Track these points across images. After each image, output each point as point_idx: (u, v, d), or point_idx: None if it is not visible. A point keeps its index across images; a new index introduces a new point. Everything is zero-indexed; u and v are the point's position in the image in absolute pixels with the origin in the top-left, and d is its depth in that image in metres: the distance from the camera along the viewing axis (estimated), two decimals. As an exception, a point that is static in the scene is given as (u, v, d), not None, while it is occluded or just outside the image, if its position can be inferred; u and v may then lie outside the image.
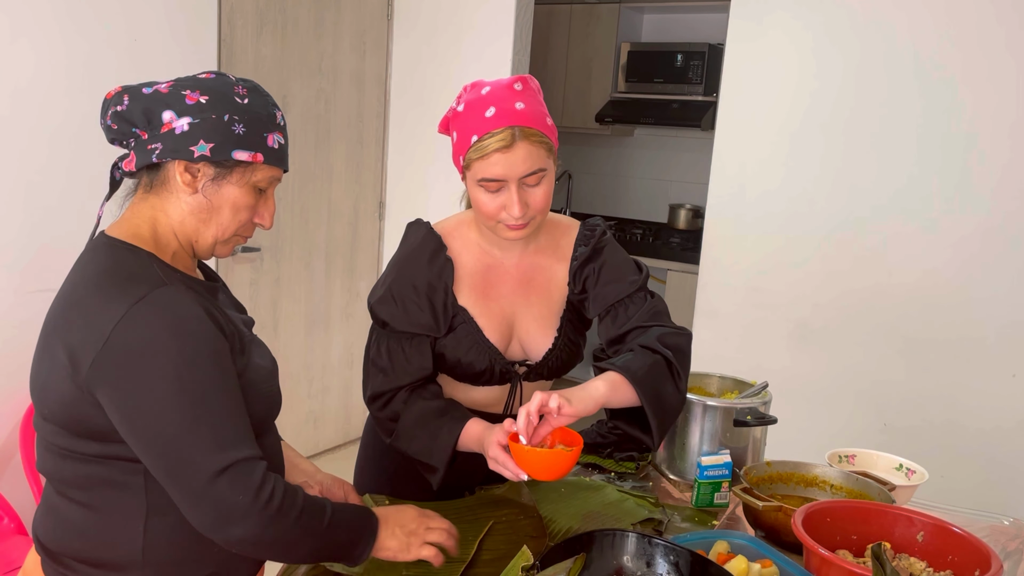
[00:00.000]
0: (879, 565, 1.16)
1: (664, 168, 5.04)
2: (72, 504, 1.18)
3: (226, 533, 1.11)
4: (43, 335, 1.19)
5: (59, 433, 1.16)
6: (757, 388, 1.85)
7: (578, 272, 1.54)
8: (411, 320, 1.48)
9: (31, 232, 2.56)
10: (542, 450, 1.31)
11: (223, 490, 1.09)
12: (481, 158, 1.37)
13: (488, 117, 1.36)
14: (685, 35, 4.80)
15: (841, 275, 3.04)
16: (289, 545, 1.16)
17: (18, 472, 2.50)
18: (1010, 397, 2.80)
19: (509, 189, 1.38)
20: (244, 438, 1.13)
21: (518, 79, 1.41)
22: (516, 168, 1.37)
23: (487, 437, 1.39)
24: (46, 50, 2.52)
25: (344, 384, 3.90)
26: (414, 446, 1.49)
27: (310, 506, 1.18)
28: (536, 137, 1.37)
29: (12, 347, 2.53)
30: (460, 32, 3.60)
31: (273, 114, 1.21)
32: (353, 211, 3.76)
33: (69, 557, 1.19)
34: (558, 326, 1.56)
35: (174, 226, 1.20)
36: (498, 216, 1.41)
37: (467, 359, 1.51)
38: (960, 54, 2.77)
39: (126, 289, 1.11)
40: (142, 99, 1.16)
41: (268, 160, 1.20)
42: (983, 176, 2.78)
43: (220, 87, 1.18)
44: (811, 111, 3.03)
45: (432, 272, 1.49)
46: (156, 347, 1.08)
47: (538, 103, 1.41)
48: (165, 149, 1.16)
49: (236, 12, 3.08)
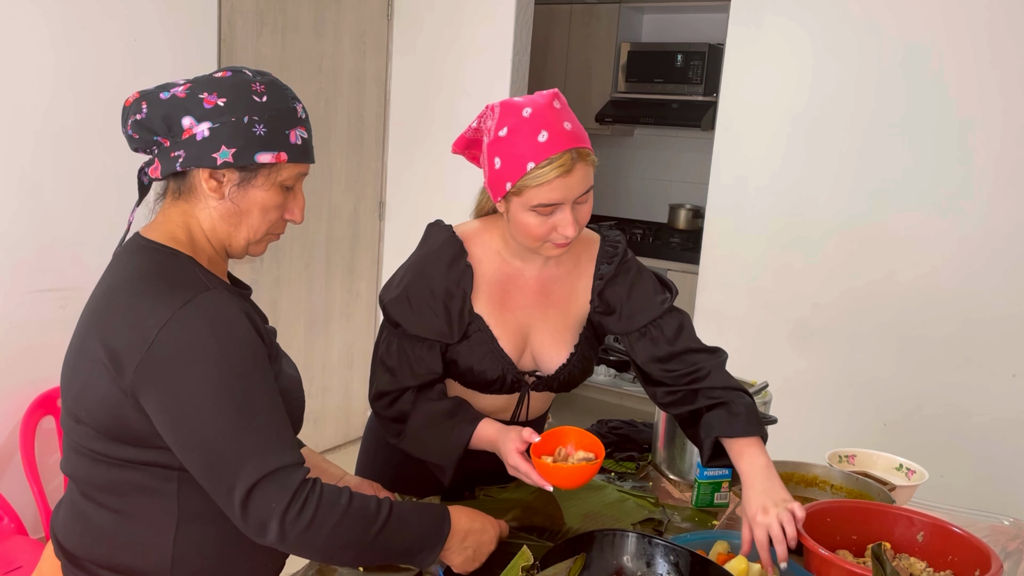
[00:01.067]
0: (879, 565, 1.16)
1: (664, 168, 5.04)
2: (101, 509, 1.17)
3: (263, 538, 1.11)
4: (78, 336, 1.17)
5: (94, 436, 1.15)
6: (757, 388, 1.85)
7: (603, 292, 1.54)
8: (424, 325, 1.47)
9: (31, 232, 2.56)
10: (567, 465, 1.32)
11: (263, 495, 1.09)
12: (540, 185, 1.33)
13: (543, 142, 1.32)
14: (685, 35, 4.80)
15: (841, 275, 3.04)
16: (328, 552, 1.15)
17: (18, 472, 2.50)
18: (1010, 397, 2.80)
19: (563, 210, 1.37)
20: (288, 444, 1.13)
21: (554, 96, 1.37)
22: (574, 191, 1.35)
23: (503, 444, 1.39)
24: (46, 50, 2.52)
25: (344, 384, 3.90)
26: (424, 449, 1.48)
27: (357, 512, 1.15)
28: (590, 157, 1.37)
29: (12, 347, 2.54)
30: (460, 32, 3.60)
31: (294, 108, 1.19)
32: (353, 211, 3.76)
33: (94, 563, 1.18)
34: (575, 342, 1.56)
35: (206, 231, 1.20)
36: (548, 236, 1.40)
37: (480, 367, 1.50)
38: (956, 54, 2.77)
39: (171, 293, 1.10)
40: (160, 105, 1.14)
41: (292, 158, 1.18)
42: (982, 175, 2.78)
43: (238, 87, 1.15)
44: (811, 111, 3.03)
45: (451, 278, 1.47)
46: (201, 352, 1.08)
47: (575, 118, 1.39)
48: (188, 157, 1.14)
49: (236, 12, 3.08)
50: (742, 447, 1.41)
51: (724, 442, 1.44)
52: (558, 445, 1.39)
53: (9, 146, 2.48)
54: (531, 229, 1.39)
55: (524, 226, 1.39)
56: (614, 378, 4.63)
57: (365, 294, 3.91)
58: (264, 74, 1.19)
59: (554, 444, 1.38)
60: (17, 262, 2.54)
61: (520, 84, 3.56)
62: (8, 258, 2.52)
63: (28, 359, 2.56)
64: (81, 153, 2.63)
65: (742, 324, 3.24)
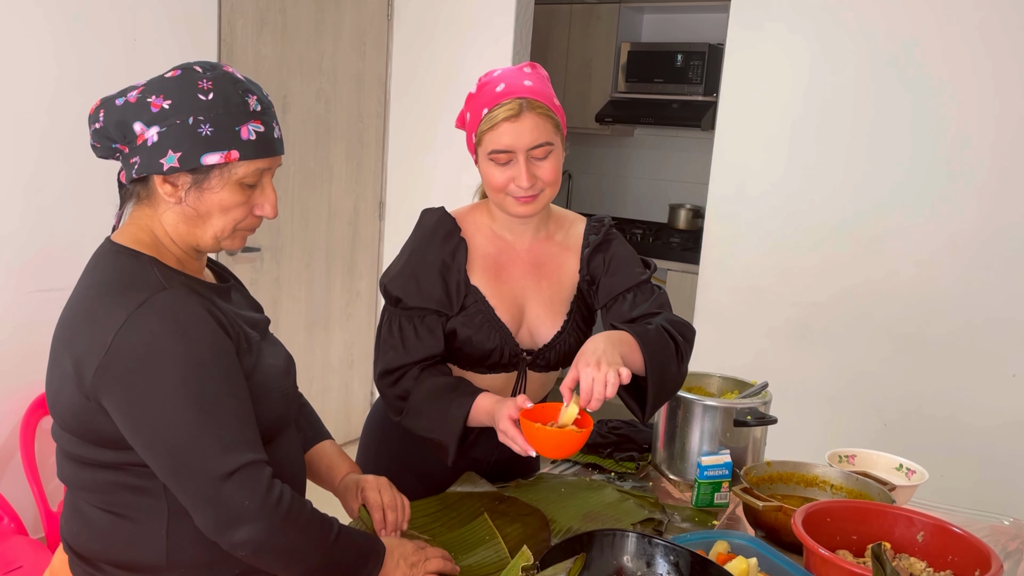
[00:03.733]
0: (879, 565, 1.16)
1: (664, 168, 5.04)
2: (96, 509, 1.18)
3: (231, 536, 1.10)
4: (53, 346, 1.18)
5: (75, 442, 1.16)
6: (757, 388, 1.85)
7: (589, 260, 1.59)
8: (424, 295, 1.51)
9: (31, 232, 2.56)
10: (552, 429, 1.32)
11: (231, 493, 1.09)
12: (490, 129, 1.43)
13: (498, 92, 1.43)
14: (685, 35, 4.80)
15: (841, 275, 3.04)
16: (294, 554, 1.15)
17: (18, 472, 2.50)
18: (1010, 397, 2.80)
19: (517, 161, 1.43)
20: (251, 441, 1.13)
21: (528, 64, 1.49)
22: (523, 138, 1.42)
23: (499, 410, 1.39)
24: (47, 51, 2.52)
25: (344, 384, 3.90)
26: (424, 423, 1.49)
27: (317, 518, 1.17)
28: (542, 109, 1.43)
29: (12, 347, 2.54)
30: (460, 32, 3.60)
31: (245, 102, 1.13)
32: (353, 211, 3.76)
33: (96, 559, 1.20)
34: (568, 311, 1.60)
35: (170, 233, 1.19)
36: (507, 188, 1.46)
37: (478, 337, 1.53)
38: (954, 54, 2.77)
39: (126, 296, 1.10)
40: (115, 112, 1.13)
41: (245, 155, 1.13)
42: (982, 175, 2.79)
43: (183, 87, 1.11)
44: (811, 111, 3.03)
45: (446, 251, 1.53)
46: (158, 352, 1.07)
47: (546, 86, 1.48)
48: (142, 164, 1.13)
49: (236, 12, 3.08)
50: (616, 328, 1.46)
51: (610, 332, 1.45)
52: (552, 419, 1.38)
53: (11, 147, 2.48)
54: (491, 179, 1.47)
55: (486, 177, 1.48)
56: (614, 378, 4.63)
57: (365, 294, 3.91)
58: (215, 68, 1.14)
59: (548, 417, 1.38)
60: (18, 262, 2.54)
61: (520, 84, 3.56)
62: (9, 258, 2.52)
63: (28, 359, 2.55)
64: (82, 154, 2.61)
65: (742, 324, 3.24)
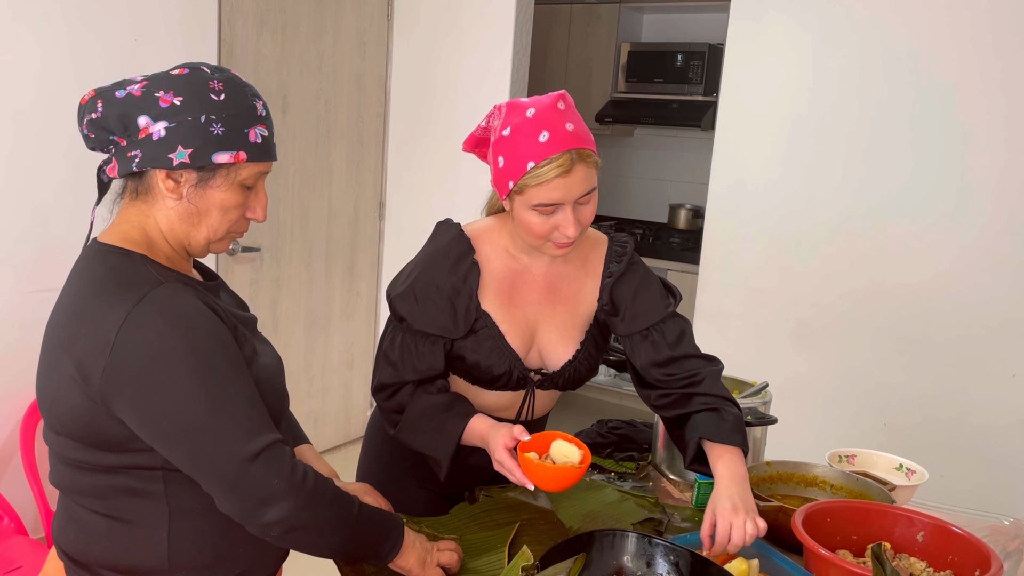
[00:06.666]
0: (879, 565, 1.16)
1: (664, 168, 5.04)
2: (94, 515, 1.17)
3: (262, 517, 1.10)
4: (45, 349, 1.17)
5: (74, 446, 1.15)
6: (757, 388, 1.85)
7: (612, 289, 1.55)
8: (429, 320, 1.48)
9: (33, 232, 2.56)
10: (551, 465, 1.32)
11: (259, 474, 1.09)
12: (540, 184, 1.36)
13: (543, 142, 1.35)
14: (685, 35, 4.80)
15: (841, 275, 3.04)
16: (321, 531, 1.15)
17: (18, 472, 2.50)
18: (1010, 397, 2.80)
19: (563, 210, 1.39)
20: (267, 423, 1.13)
21: (559, 97, 1.40)
22: (573, 191, 1.37)
23: (492, 438, 1.39)
24: (47, 51, 2.52)
25: (344, 384, 3.90)
26: (419, 440, 1.49)
27: (340, 494, 1.18)
28: (591, 159, 1.38)
29: (13, 348, 2.54)
30: (460, 32, 3.60)
31: (253, 106, 1.16)
32: (353, 211, 3.76)
33: (95, 564, 1.19)
34: (581, 339, 1.57)
35: (164, 231, 1.18)
36: (550, 236, 1.42)
37: (487, 363, 1.51)
38: (957, 54, 2.77)
39: (124, 293, 1.09)
40: (116, 104, 1.13)
41: (252, 157, 1.15)
42: (982, 176, 2.78)
43: (194, 84, 1.13)
44: (811, 111, 3.03)
45: (457, 276, 1.48)
46: (165, 347, 1.07)
47: (581, 120, 1.41)
48: (144, 157, 1.13)
49: (236, 12, 3.08)
50: (723, 452, 1.43)
51: (706, 445, 1.46)
52: (547, 448, 1.38)
53: (10, 146, 2.48)
54: (533, 228, 1.41)
55: (527, 224, 1.42)
56: (614, 378, 4.63)
57: (365, 294, 3.91)
58: (223, 71, 1.16)
59: (544, 446, 1.38)
60: (18, 262, 2.54)
61: (520, 84, 3.56)
62: (9, 258, 2.52)
63: (29, 359, 2.54)
64: (82, 153, 2.62)
65: (742, 324, 3.24)
